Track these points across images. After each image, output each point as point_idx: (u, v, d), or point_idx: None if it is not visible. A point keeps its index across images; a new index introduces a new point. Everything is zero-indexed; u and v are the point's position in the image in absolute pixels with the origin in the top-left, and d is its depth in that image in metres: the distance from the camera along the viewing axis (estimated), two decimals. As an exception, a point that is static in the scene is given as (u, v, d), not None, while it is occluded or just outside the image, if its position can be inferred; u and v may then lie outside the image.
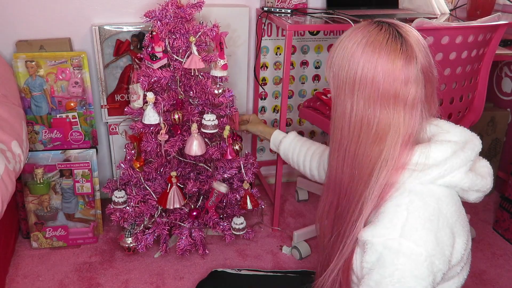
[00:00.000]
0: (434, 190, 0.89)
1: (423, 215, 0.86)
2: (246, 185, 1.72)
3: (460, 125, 0.99)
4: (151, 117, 1.53)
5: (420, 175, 0.89)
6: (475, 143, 0.94)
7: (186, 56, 1.55)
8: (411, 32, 0.90)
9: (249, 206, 1.73)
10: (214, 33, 1.54)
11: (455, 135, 0.95)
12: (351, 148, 0.94)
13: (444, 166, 0.89)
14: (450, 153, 0.90)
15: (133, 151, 1.67)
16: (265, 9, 1.87)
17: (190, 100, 1.63)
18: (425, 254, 0.84)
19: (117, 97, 1.86)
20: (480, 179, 0.94)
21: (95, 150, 1.79)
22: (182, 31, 1.55)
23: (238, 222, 1.75)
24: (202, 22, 1.57)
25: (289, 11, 1.85)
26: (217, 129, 1.60)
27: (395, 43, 0.87)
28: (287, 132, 1.60)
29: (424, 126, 0.95)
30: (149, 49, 1.55)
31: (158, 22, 1.54)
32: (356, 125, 0.92)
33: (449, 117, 1.61)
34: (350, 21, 1.64)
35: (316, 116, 1.79)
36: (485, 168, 0.99)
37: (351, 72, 0.89)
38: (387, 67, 0.86)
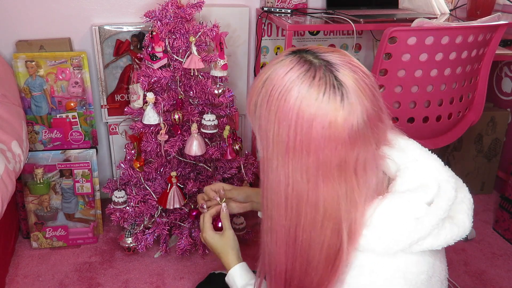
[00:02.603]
0: (399, 262, 0.71)
1: None
2: (246, 185, 1.72)
3: (418, 143, 0.80)
4: (151, 117, 1.54)
5: (383, 247, 0.70)
6: (448, 184, 0.74)
7: (186, 56, 1.55)
8: (349, 71, 0.67)
9: (249, 206, 1.73)
10: (214, 33, 1.54)
11: (421, 171, 0.75)
12: (293, 232, 0.72)
13: (414, 234, 0.69)
14: (424, 210, 0.71)
15: (133, 151, 1.67)
16: (265, 9, 1.87)
17: (190, 100, 1.63)
18: None
19: (117, 97, 1.86)
20: (456, 229, 0.73)
21: (95, 150, 1.79)
22: (182, 31, 1.55)
23: (238, 222, 1.75)
24: (202, 22, 1.57)
25: (289, 11, 1.85)
26: (217, 129, 1.60)
27: (334, 96, 0.65)
28: None
29: (383, 169, 0.76)
30: (149, 49, 1.55)
31: (158, 22, 1.54)
32: (293, 203, 0.70)
33: (449, 117, 1.61)
34: (350, 21, 1.64)
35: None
36: (463, 205, 0.77)
37: (281, 134, 0.67)
38: (327, 131, 0.65)
